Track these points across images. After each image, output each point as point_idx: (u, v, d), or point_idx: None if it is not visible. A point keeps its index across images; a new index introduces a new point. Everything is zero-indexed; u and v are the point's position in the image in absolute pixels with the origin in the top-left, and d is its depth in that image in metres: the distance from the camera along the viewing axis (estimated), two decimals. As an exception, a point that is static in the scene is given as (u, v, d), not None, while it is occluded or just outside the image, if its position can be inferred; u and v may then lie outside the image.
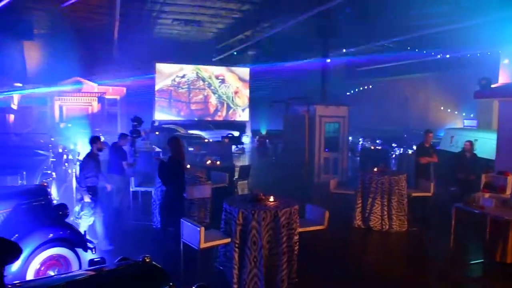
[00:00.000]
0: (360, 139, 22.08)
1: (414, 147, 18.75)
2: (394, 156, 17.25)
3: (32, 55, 22.95)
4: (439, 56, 20.67)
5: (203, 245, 5.67)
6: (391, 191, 8.75)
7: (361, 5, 14.49)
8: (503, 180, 8.07)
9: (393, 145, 18.82)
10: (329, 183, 10.00)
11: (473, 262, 7.15)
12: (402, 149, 18.17)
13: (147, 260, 3.18)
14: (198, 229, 5.61)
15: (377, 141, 21.64)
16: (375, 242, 8.51)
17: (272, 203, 6.16)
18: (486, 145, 12.17)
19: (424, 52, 20.21)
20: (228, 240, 5.87)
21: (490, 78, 11.25)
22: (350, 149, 16.26)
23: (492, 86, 11.28)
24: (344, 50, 21.49)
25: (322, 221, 6.76)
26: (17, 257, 1.81)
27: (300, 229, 6.27)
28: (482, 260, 7.08)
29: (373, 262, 7.31)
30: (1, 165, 8.81)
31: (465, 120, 19.82)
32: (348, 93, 23.12)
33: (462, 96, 20.27)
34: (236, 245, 5.77)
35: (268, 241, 5.81)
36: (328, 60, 17.73)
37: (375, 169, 9.34)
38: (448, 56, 20.75)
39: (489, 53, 18.31)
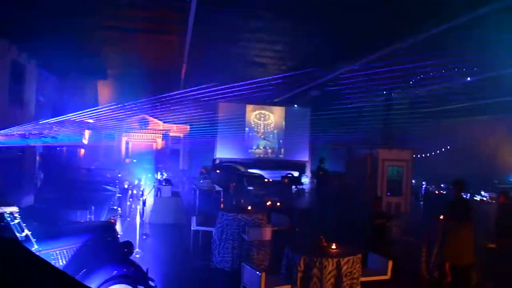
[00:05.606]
0: (424, 183, 21.24)
1: (482, 193, 17.78)
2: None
3: (104, 93, 24.35)
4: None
5: (264, 290, 5.58)
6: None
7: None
8: None
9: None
10: (391, 228, 9.63)
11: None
12: (468, 194, 17.27)
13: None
14: (259, 274, 5.55)
15: (442, 185, 20.76)
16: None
17: (334, 250, 6.02)
18: None
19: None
20: (288, 286, 5.76)
21: None
22: (413, 193, 15.67)
23: None
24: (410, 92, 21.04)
25: (385, 271, 6.50)
26: None
27: (363, 279, 6.06)
28: None
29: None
30: (72, 199, 9.25)
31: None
32: (412, 136, 22.50)
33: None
34: (297, 293, 5.65)
35: (330, 289, 5.65)
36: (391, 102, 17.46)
37: (441, 217, 8.87)
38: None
39: None
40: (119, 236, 6.95)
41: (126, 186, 13.69)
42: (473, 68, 15.49)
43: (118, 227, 8.79)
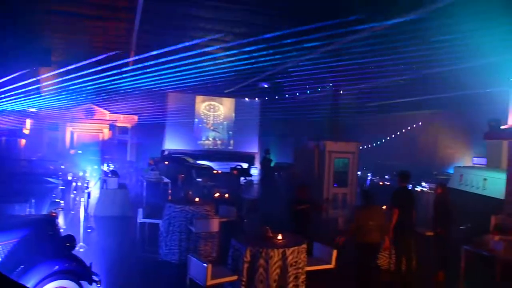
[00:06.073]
0: (369, 174, 21.92)
1: (423, 183, 18.59)
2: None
3: (47, 81, 23.34)
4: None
5: (210, 282, 5.60)
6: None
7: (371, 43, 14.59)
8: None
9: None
10: (337, 219, 9.89)
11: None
12: (411, 185, 17.98)
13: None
14: (206, 265, 5.56)
15: (386, 177, 21.47)
16: (382, 282, 8.32)
17: (280, 241, 6.11)
18: (495, 184, 11.99)
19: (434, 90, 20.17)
20: (235, 277, 5.80)
21: (499, 119, 11.19)
22: (359, 184, 16.14)
23: (502, 127, 11.20)
24: (355, 86, 21.59)
25: (330, 260, 6.69)
26: None
27: (308, 268, 6.20)
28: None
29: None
30: (10, 191, 8.85)
31: (474, 158, 19.64)
32: (357, 128, 23.23)
33: (471, 133, 20.13)
34: (243, 283, 5.71)
35: (275, 280, 5.75)
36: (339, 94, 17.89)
37: (384, 207, 9.19)
38: (458, 94, 20.68)
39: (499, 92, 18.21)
40: (61, 230, 6.75)
41: (70, 178, 13.28)
42: (414, 64, 16.08)
43: (60, 220, 8.55)
